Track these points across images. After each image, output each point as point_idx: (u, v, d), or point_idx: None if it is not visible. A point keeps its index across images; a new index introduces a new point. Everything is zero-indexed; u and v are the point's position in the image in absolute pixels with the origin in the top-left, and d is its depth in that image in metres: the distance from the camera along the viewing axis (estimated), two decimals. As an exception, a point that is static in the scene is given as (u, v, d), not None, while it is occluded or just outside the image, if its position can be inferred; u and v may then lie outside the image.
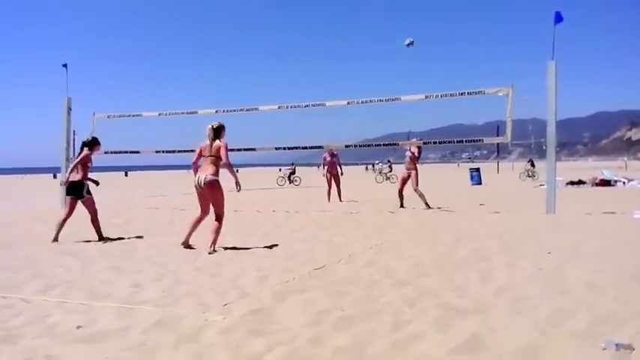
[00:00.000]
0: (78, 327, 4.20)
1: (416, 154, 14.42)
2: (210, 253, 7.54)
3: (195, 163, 8.19)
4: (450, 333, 3.89)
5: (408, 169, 14.36)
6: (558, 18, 11.86)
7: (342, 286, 5.45)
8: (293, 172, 34.59)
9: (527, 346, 3.57)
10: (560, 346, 3.57)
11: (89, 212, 9.27)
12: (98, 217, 9.37)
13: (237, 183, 8.00)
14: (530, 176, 34.26)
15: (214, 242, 7.77)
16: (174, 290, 5.41)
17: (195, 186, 7.94)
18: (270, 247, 8.03)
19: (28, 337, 3.98)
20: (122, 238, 9.24)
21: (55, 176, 56.47)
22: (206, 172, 7.80)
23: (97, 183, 9.56)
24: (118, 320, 4.38)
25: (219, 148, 7.81)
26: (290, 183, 33.64)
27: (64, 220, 9.25)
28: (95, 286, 5.63)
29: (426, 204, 13.86)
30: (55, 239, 8.96)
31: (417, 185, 14.08)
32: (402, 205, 14.26)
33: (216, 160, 7.84)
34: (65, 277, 6.09)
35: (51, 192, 22.71)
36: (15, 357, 3.60)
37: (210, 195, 7.90)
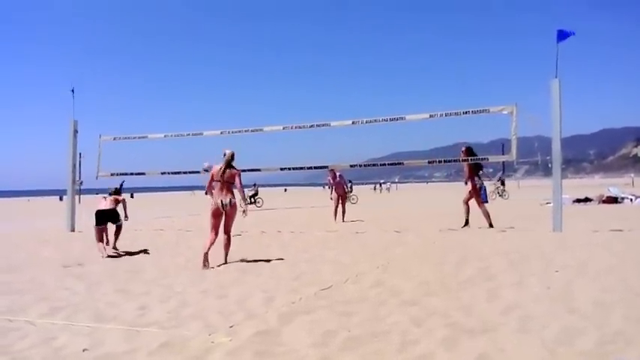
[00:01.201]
0: (84, 350, 4.20)
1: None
2: (222, 265, 8.38)
3: (210, 186, 8.89)
4: (458, 353, 3.86)
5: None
6: (561, 36, 11.90)
7: (348, 306, 5.42)
8: (255, 194, 32.89)
9: (535, 366, 3.54)
10: (570, 366, 3.54)
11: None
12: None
13: (245, 210, 8.89)
14: (500, 195, 33.95)
15: (227, 255, 8.71)
16: (180, 312, 5.40)
17: (218, 207, 8.64)
18: (276, 267, 8.02)
19: (34, 361, 3.97)
20: (130, 253, 9.28)
21: (61, 198, 56.59)
22: (228, 196, 8.65)
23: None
24: (124, 343, 4.37)
25: (234, 175, 8.71)
26: (252, 204, 31.16)
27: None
28: (101, 309, 5.62)
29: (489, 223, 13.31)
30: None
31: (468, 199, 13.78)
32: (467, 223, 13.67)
33: (231, 185, 8.71)
34: (71, 300, 6.09)
35: (57, 215, 22.76)
36: (21, 381, 3.59)
37: (231, 215, 8.77)
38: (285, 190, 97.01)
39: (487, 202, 19.32)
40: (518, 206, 24.30)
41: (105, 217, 10.41)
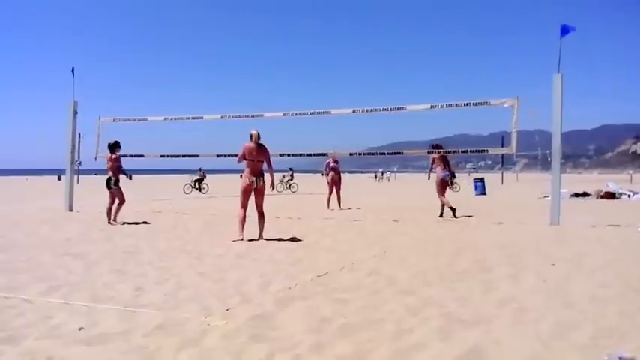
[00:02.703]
0: (80, 329, 4.21)
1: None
2: (257, 239, 9.28)
3: (240, 162, 9.56)
4: (453, 343, 3.87)
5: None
6: (564, 31, 11.86)
7: (344, 293, 5.44)
8: (201, 179, 31.48)
9: (529, 358, 3.56)
10: (563, 359, 3.56)
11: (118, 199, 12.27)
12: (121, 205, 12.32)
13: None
14: (450, 187, 33.68)
15: (262, 231, 9.55)
16: (176, 294, 5.41)
17: (249, 184, 9.38)
18: (273, 253, 8.03)
19: (30, 338, 3.98)
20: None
21: (59, 178, 56.61)
22: (261, 175, 9.47)
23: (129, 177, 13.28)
24: (120, 323, 4.38)
25: (265, 154, 9.47)
26: (198, 191, 30.65)
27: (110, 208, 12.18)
28: (98, 289, 5.64)
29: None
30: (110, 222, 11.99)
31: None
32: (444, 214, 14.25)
33: (261, 163, 9.49)
34: (68, 279, 6.10)
35: (55, 194, 22.76)
36: (17, 357, 3.60)
37: (262, 192, 9.57)
38: (284, 176, 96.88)
39: (485, 194, 19.37)
40: (516, 199, 24.34)
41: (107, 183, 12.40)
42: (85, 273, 6.51)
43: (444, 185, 14.33)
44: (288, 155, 15.68)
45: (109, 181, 12.37)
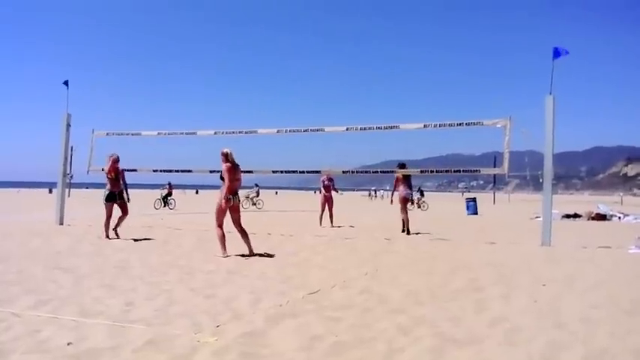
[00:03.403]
0: (68, 344, 4.17)
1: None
2: (250, 254, 9.43)
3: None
4: (444, 363, 3.86)
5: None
6: (557, 53, 11.98)
7: (335, 311, 5.42)
8: (169, 194, 30.52)
9: (520, 379, 3.55)
10: (554, 380, 3.55)
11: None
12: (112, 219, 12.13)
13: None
14: (419, 206, 33.85)
15: (250, 244, 9.71)
16: (167, 310, 5.37)
17: (228, 203, 9.42)
18: (265, 270, 8.00)
19: (18, 352, 3.94)
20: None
21: (50, 191, 56.30)
22: (236, 192, 9.60)
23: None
24: (109, 338, 4.34)
25: (240, 172, 9.71)
26: (165, 206, 29.68)
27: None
28: (87, 303, 5.59)
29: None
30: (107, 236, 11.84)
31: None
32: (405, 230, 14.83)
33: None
34: (57, 293, 6.05)
35: (46, 206, 22.63)
36: (4, 372, 3.56)
37: (238, 209, 9.71)
38: (277, 193, 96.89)
39: (477, 213, 19.42)
40: (508, 219, 24.40)
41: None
42: (74, 287, 6.45)
43: (405, 202, 15.13)
44: (281, 172, 15.68)
45: (115, 194, 12.23)
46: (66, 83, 15.92)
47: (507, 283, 7.07)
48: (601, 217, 23.75)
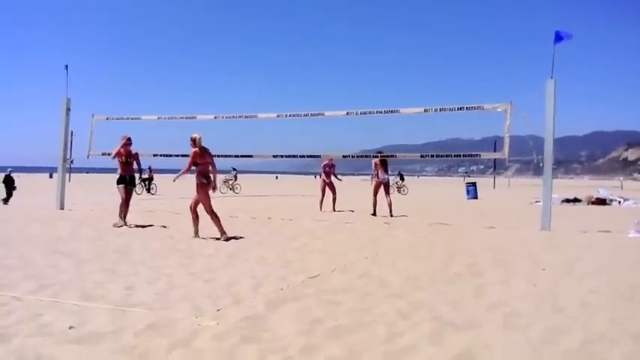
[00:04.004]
0: (70, 327, 4.19)
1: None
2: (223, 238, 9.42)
3: (190, 167, 9.93)
4: (443, 347, 3.89)
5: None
6: (558, 37, 11.91)
7: (335, 295, 5.44)
8: (150, 179, 29.73)
9: (519, 363, 3.58)
10: (553, 364, 3.58)
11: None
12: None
13: (216, 186, 10.23)
14: (399, 190, 33.81)
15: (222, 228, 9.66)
16: (168, 294, 5.40)
17: (207, 186, 9.73)
18: (265, 254, 8.02)
19: (19, 336, 3.96)
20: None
21: (51, 176, 56.33)
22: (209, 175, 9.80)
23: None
24: (110, 322, 4.36)
25: (211, 156, 9.97)
26: (147, 191, 29.13)
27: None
28: (88, 288, 5.61)
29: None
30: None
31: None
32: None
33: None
34: (59, 278, 6.07)
35: (47, 191, 22.65)
36: (6, 356, 3.59)
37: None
38: (277, 177, 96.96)
39: (477, 197, 19.46)
40: (508, 204, 24.43)
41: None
42: (75, 271, 6.48)
43: (381, 186, 15.72)
44: (281, 156, 15.69)
45: (126, 178, 11.80)
46: (66, 67, 15.85)
47: (507, 268, 7.09)
48: (601, 202, 23.78)
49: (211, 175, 9.89)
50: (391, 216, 14.90)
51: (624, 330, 4.32)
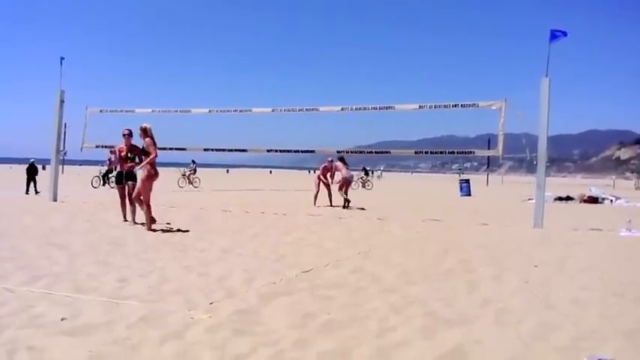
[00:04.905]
0: (62, 319, 4.18)
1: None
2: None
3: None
4: (435, 342, 3.90)
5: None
6: (553, 36, 11.94)
7: (328, 290, 5.45)
8: (109, 171, 25.86)
9: (510, 358, 3.59)
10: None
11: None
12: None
13: None
14: (363, 185, 33.73)
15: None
16: (160, 287, 5.39)
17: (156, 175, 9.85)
18: (258, 248, 8.02)
19: (11, 328, 3.95)
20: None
21: (44, 167, 55.99)
22: None
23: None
24: (103, 314, 4.35)
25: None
26: (104, 184, 26.38)
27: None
28: (81, 280, 5.60)
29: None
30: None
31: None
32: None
33: None
34: (51, 269, 6.05)
35: (40, 183, 22.55)
36: (-2, 347, 3.57)
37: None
38: (271, 172, 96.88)
39: (470, 194, 19.43)
40: (501, 201, 24.51)
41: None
42: (68, 263, 6.46)
43: (348, 183, 17.49)
44: (276, 151, 15.68)
45: (123, 174, 10.95)
46: (61, 60, 15.79)
47: (499, 265, 7.12)
48: (593, 200, 23.89)
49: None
50: (346, 208, 16.25)
51: (615, 327, 4.35)
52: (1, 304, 4.60)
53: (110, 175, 25.45)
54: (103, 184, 26.57)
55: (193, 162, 32.04)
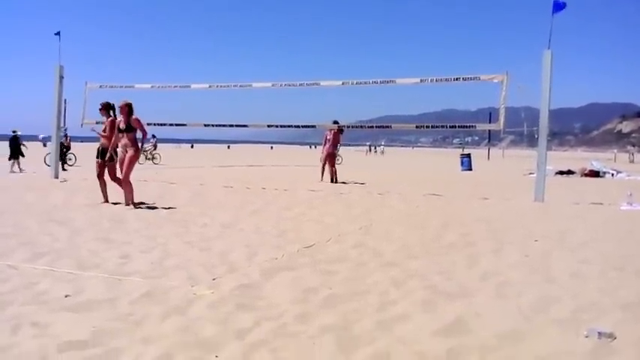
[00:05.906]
0: (66, 296, 4.21)
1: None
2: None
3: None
4: (436, 315, 3.93)
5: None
6: (557, 7, 11.79)
7: (330, 265, 5.48)
8: (67, 148, 23.92)
9: (510, 331, 3.63)
10: (543, 332, 3.63)
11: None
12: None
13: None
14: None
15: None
16: (163, 263, 5.42)
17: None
18: (260, 224, 8.04)
19: (15, 304, 3.98)
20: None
21: (44, 144, 55.93)
22: None
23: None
24: (106, 290, 4.39)
25: None
26: (63, 165, 20.34)
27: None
28: (83, 256, 5.63)
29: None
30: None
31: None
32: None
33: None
34: (54, 246, 6.08)
35: (41, 160, 22.55)
36: (2, 323, 3.60)
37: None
38: (272, 147, 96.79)
39: (471, 169, 19.47)
40: (502, 175, 24.51)
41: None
42: (70, 240, 6.49)
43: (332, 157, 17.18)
44: (277, 126, 15.65)
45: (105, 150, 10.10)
46: (58, 34, 15.65)
47: (499, 239, 7.15)
48: (594, 174, 23.85)
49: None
50: (335, 182, 16.25)
51: (614, 300, 4.38)
52: (5, 280, 4.64)
53: (67, 153, 23.45)
54: (62, 166, 20.08)
55: (154, 136, 30.98)
